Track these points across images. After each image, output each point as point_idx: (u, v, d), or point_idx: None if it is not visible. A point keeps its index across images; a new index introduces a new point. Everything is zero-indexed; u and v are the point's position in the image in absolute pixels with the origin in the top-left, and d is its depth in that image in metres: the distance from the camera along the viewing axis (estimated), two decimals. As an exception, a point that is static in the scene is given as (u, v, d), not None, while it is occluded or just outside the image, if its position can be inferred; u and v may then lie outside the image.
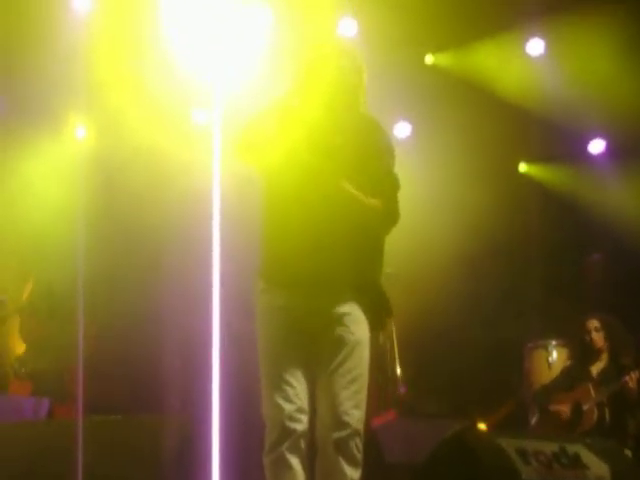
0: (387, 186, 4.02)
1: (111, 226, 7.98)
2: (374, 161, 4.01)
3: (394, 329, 7.35)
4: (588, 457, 4.23)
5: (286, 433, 3.87)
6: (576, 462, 4.17)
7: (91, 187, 7.61)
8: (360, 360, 3.97)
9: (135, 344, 8.12)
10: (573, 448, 4.25)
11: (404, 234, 4.51)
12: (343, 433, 3.87)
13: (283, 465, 3.88)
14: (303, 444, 3.92)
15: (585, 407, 6.66)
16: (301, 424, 3.89)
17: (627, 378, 6.52)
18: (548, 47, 8.34)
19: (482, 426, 7.70)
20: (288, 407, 3.88)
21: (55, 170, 8.11)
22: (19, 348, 7.65)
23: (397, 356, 7.40)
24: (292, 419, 3.87)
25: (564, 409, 6.76)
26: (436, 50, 8.44)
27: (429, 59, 8.47)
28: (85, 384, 6.35)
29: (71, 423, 4.54)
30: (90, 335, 6.84)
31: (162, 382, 7.59)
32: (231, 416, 4.89)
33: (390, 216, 4.02)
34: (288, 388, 3.90)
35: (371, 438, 6.83)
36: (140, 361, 7.97)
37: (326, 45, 4.25)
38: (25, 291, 7.46)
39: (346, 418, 3.88)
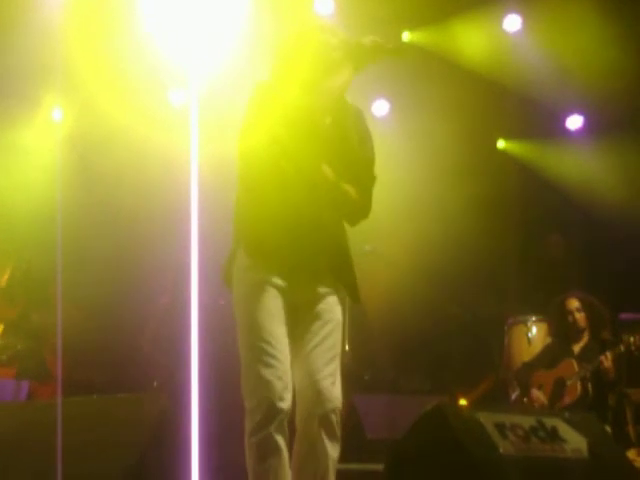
0: (365, 177, 3.98)
1: (88, 208, 7.96)
2: (355, 148, 3.96)
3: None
4: (565, 430, 4.25)
5: (274, 413, 3.74)
6: (554, 435, 4.18)
7: (68, 169, 7.58)
8: (338, 340, 3.96)
9: (114, 325, 8.12)
10: (551, 422, 4.26)
11: (383, 212, 4.52)
12: (327, 408, 3.83)
13: (271, 446, 3.75)
14: (286, 424, 3.81)
15: (569, 382, 6.71)
16: (287, 403, 3.78)
17: (602, 358, 6.58)
18: (525, 23, 8.34)
19: (463, 402, 7.75)
20: (277, 384, 3.76)
21: (31, 152, 8.07)
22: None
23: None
24: (280, 398, 3.75)
25: (546, 386, 6.81)
26: (413, 27, 8.43)
27: (406, 36, 8.45)
28: (65, 366, 6.36)
29: (50, 404, 4.53)
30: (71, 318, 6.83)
31: (140, 362, 7.61)
32: (209, 392, 4.89)
33: (363, 208, 3.98)
34: (276, 363, 3.78)
35: (352, 414, 6.89)
36: (119, 342, 7.97)
37: (306, 22, 4.18)
38: (3, 276, 7.44)
39: (328, 394, 3.84)
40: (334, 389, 3.87)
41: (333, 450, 3.87)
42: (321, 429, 3.83)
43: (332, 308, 3.95)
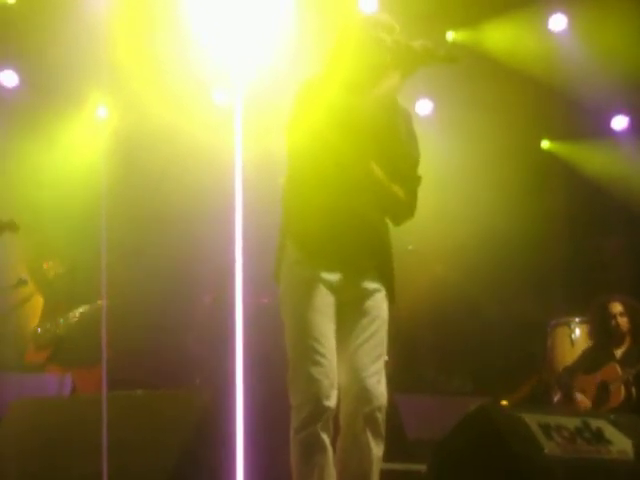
0: (411, 177, 3.97)
1: (132, 206, 7.99)
2: (403, 148, 3.95)
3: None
4: (611, 432, 4.23)
5: (320, 410, 3.72)
6: (599, 437, 4.16)
7: (113, 167, 7.63)
8: (384, 338, 3.94)
9: (158, 322, 8.16)
10: (596, 423, 4.24)
11: (425, 211, 4.50)
12: (372, 406, 3.81)
13: (316, 444, 3.73)
14: (331, 422, 3.79)
15: (612, 386, 6.67)
16: (333, 401, 3.76)
17: None
18: (570, 23, 8.29)
19: (505, 403, 7.72)
20: (325, 382, 3.73)
21: (76, 150, 8.12)
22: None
23: None
24: (328, 396, 3.73)
25: (589, 391, 6.77)
26: (457, 26, 8.40)
27: (450, 35, 8.42)
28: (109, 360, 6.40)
29: (95, 398, 4.56)
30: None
31: (185, 358, 7.64)
32: (253, 390, 4.90)
33: (409, 209, 3.97)
34: (324, 361, 3.74)
35: (393, 415, 6.87)
36: (163, 340, 8.01)
37: (361, 15, 4.08)
38: (52, 269, 7.46)
39: (374, 391, 3.82)
40: (380, 387, 3.85)
41: (377, 449, 3.85)
42: (366, 427, 3.81)
43: (379, 305, 3.93)
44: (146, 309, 8.10)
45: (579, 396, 6.78)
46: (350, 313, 3.89)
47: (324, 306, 3.83)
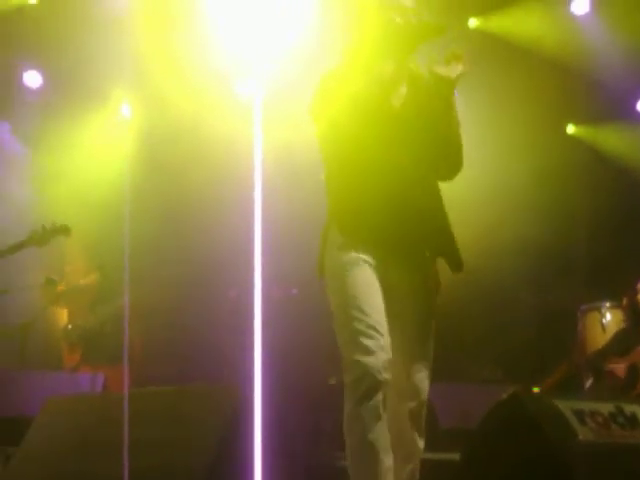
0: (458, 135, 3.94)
1: (157, 202, 8.00)
2: (434, 120, 3.89)
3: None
4: (646, 417, 4.20)
5: (379, 383, 3.63)
6: (634, 422, 4.13)
7: (136, 164, 7.63)
8: (433, 325, 3.89)
9: (182, 318, 8.17)
10: (630, 408, 4.21)
11: (452, 198, 4.48)
12: (420, 401, 3.80)
13: (378, 417, 3.64)
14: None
15: (642, 369, 6.64)
16: (390, 375, 3.68)
17: None
18: (593, 6, 8.24)
19: (536, 390, 7.68)
20: (382, 355, 3.64)
21: (101, 148, 8.13)
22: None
23: None
24: (386, 369, 3.64)
25: (619, 372, 6.73)
26: (479, 13, 8.36)
27: (473, 22, 8.39)
28: (135, 357, 6.42)
29: (122, 396, 4.55)
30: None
31: (210, 355, 7.65)
32: (276, 384, 4.88)
33: (461, 161, 3.97)
34: (378, 335, 3.66)
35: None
36: (188, 335, 8.02)
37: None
38: (88, 276, 7.47)
39: (423, 387, 3.81)
40: (426, 382, 3.83)
41: (421, 444, 3.84)
42: (412, 423, 3.79)
43: (432, 296, 3.88)
44: (171, 305, 8.12)
45: (611, 367, 6.73)
46: (398, 301, 3.82)
47: (371, 279, 3.75)
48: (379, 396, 3.64)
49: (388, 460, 3.67)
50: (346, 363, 3.71)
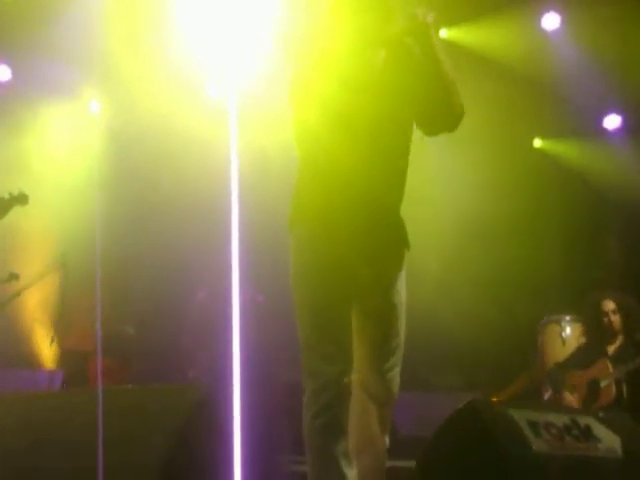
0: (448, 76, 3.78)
1: (126, 201, 7.99)
2: (418, 79, 3.76)
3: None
4: (599, 429, 4.22)
5: (344, 392, 3.57)
6: (587, 434, 4.15)
7: (106, 161, 7.61)
8: (403, 326, 3.82)
9: (152, 318, 8.16)
10: (584, 420, 4.23)
11: (418, 208, 4.49)
12: (389, 401, 3.79)
13: (340, 429, 3.58)
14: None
15: (603, 384, 6.67)
16: (351, 381, 3.63)
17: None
18: (564, 21, 8.29)
19: (495, 400, 7.72)
20: (347, 364, 3.58)
21: (69, 144, 8.11)
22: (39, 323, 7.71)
23: None
24: (348, 376, 3.59)
25: (580, 387, 6.77)
26: (450, 24, 8.39)
27: (443, 33, 8.42)
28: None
29: (89, 393, 4.54)
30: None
31: (179, 354, 7.64)
32: (250, 381, 4.88)
33: (461, 105, 3.82)
34: (345, 341, 3.60)
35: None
36: (157, 335, 8.01)
37: None
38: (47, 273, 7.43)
39: (392, 387, 3.79)
40: (396, 381, 3.81)
41: (386, 443, 3.84)
42: (380, 422, 3.78)
43: (402, 294, 3.80)
44: (140, 304, 8.10)
45: (568, 396, 6.78)
46: (370, 300, 3.74)
47: (337, 282, 3.64)
48: (340, 407, 3.59)
49: (351, 472, 3.63)
50: (306, 370, 3.65)
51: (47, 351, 7.54)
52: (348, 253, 3.68)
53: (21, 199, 5.85)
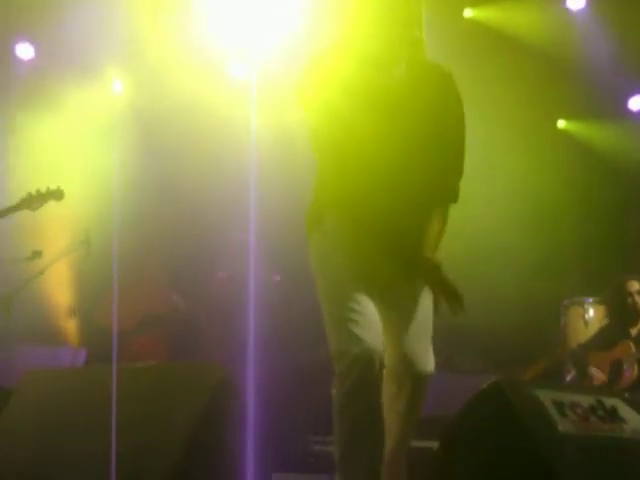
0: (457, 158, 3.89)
1: (147, 181, 7.99)
2: (443, 128, 3.83)
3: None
4: (625, 410, 4.20)
5: (373, 367, 3.56)
6: (613, 415, 4.13)
7: (128, 141, 7.62)
8: (430, 307, 3.85)
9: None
10: (610, 401, 4.21)
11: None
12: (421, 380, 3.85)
13: (367, 409, 3.59)
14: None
15: (626, 365, 6.65)
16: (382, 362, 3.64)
17: None
18: (589, 1, 8.24)
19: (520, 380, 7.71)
20: (375, 342, 3.56)
21: (91, 124, 8.11)
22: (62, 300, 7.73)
23: None
24: (380, 358, 3.59)
25: (602, 368, 6.75)
26: (475, 3, 8.36)
27: (468, 12, 8.38)
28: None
29: (106, 370, 4.55)
30: None
31: (194, 335, 7.65)
32: (268, 362, 4.90)
33: (454, 193, 3.91)
34: (370, 323, 3.59)
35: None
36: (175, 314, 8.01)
37: None
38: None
39: (416, 367, 3.81)
40: (421, 360, 3.82)
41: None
42: (402, 401, 3.83)
43: (423, 290, 3.82)
44: (160, 283, 8.09)
45: (594, 370, 6.76)
46: (392, 284, 3.76)
47: (362, 275, 3.66)
48: (370, 384, 3.60)
49: (377, 452, 3.66)
50: (334, 351, 3.64)
51: (71, 328, 7.55)
52: (373, 243, 3.71)
53: (57, 194, 5.97)
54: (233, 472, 4.40)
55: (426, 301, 3.84)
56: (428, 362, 3.85)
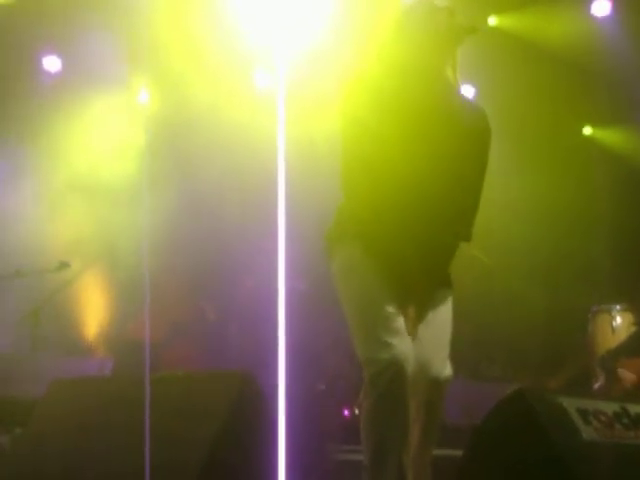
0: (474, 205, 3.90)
1: (174, 190, 8.03)
2: (471, 169, 3.88)
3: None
4: (650, 418, 4.19)
5: (401, 376, 3.58)
6: (638, 422, 4.12)
7: (154, 150, 7.66)
8: (450, 320, 3.87)
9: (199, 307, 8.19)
10: (635, 409, 4.20)
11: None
12: (440, 391, 3.87)
13: (398, 414, 3.61)
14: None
15: (654, 372, 6.64)
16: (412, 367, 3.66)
17: None
18: (614, 8, 8.21)
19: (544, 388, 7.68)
20: (403, 348, 3.60)
21: (118, 133, 8.16)
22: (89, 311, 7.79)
23: None
24: (408, 362, 3.61)
25: (632, 373, 6.72)
26: (499, 11, 8.35)
27: (492, 20, 8.38)
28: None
29: (134, 380, 4.57)
30: None
31: (224, 343, 7.67)
32: (296, 370, 4.89)
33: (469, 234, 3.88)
34: (398, 329, 3.62)
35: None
36: (202, 323, 8.05)
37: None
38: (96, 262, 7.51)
39: (442, 375, 3.85)
40: (447, 370, 3.87)
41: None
42: (421, 411, 3.79)
43: (449, 310, 3.86)
44: (188, 292, 8.14)
45: (623, 372, 6.72)
46: (416, 296, 3.74)
47: (384, 278, 3.68)
48: (401, 389, 3.61)
49: (406, 459, 3.68)
50: (364, 359, 3.68)
51: (98, 339, 7.60)
52: (406, 261, 3.70)
53: (61, 267, 6.08)
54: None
55: (447, 310, 3.87)
56: (445, 368, 3.88)
